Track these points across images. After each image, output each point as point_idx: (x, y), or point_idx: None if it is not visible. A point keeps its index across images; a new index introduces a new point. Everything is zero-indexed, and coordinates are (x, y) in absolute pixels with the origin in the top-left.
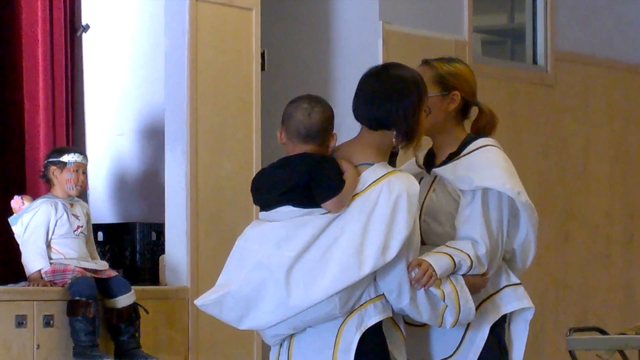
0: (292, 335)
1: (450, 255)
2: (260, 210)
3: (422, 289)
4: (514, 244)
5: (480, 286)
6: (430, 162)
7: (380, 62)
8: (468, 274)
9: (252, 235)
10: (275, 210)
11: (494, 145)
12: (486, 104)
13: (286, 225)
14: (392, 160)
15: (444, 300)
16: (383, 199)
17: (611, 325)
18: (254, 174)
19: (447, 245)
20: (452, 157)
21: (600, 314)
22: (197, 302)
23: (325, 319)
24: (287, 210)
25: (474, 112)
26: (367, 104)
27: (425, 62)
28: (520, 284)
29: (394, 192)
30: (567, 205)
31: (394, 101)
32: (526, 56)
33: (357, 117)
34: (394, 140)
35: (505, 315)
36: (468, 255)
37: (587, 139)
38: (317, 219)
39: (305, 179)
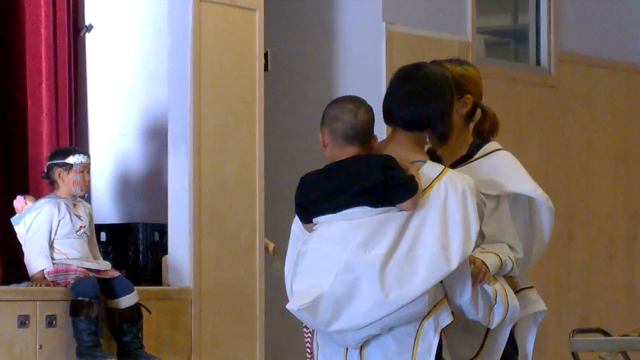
0: (363, 343)
1: (498, 255)
2: (322, 214)
3: (478, 285)
4: (527, 245)
5: (514, 288)
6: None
7: (383, 62)
8: (508, 274)
9: (328, 238)
10: (346, 211)
11: (505, 150)
12: (489, 107)
13: (366, 225)
14: (441, 161)
15: (495, 298)
16: (452, 195)
17: (614, 326)
18: (257, 174)
19: (487, 246)
20: (465, 159)
21: (603, 315)
22: (291, 307)
23: (415, 317)
24: (361, 210)
25: (477, 114)
26: (403, 105)
27: (437, 64)
28: (532, 287)
29: (459, 187)
30: (569, 206)
31: (430, 102)
32: (529, 57)
33: (391, 118)
34: (428, 139)
35: None
36: (509, 256)
37: (590, 140)
38: (397, 217)
39: (381, 179)
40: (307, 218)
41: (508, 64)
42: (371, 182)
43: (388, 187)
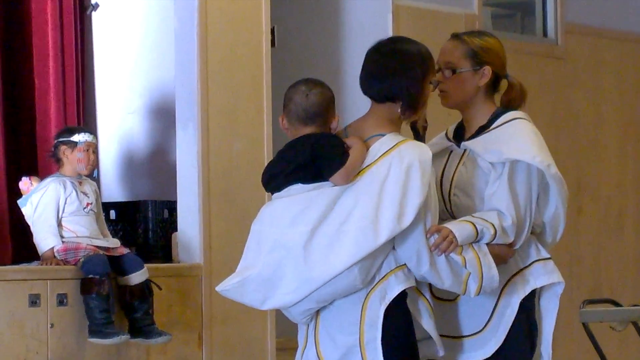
0: (317, 314)
1: (473, 223)
2: (273, 194)
3: (443, 255)
4: (544, 217)
5: (507, 256)
6: (460, 135)
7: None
8: (492, 243)
9: (265, 217)
10: (285, 189)
11: (524, 118)
12: (516, 77)
13: (297, 202)
14: (419, 137)
15: (465, 267)
16: (395, 168)
17: (624, 297)
18: (266, 151)
19: (471, 215)
20: (482, 130)
21: (613, 286)
22: (218, 288)
23: (347, 291)
24: (297, 187)
25: (503, 84)
26: (372, 77)
27: (456, 37)
28: (550, 258)
29: (405, 161)
30: (578, 178)
31: (396, 74)
32: (536, 29)
33: (364, 91)
34: (399, 111)
35: (535, 290)
36: (492, 224)
37: (598, 111)
38: (327, 192)
39: (308, 155)
40: (271, 193)
41: (515, 37)
42: (300, 160)
43: (316, 163)
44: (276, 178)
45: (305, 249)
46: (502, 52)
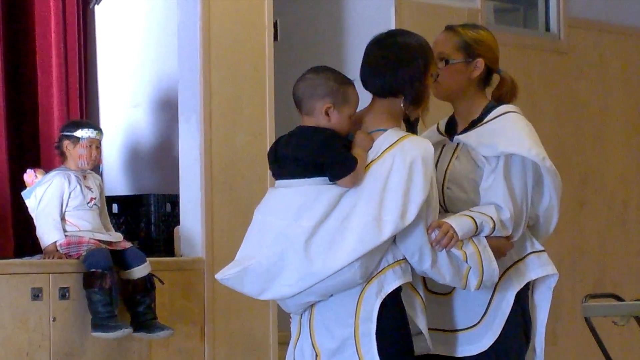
0: (312, 306)
1: (472, 217)
2: (277, 178)
3: (444, 250)
4: (538, 210)
5: (506, 249)
6: (452, 129)
7: None
8: (491, 236)
9: (269, 207)
10: (289, 181)
11: (516, 112)
12: (507, 72)
13: (302, 195)
14: (412, 128)
15: (466, 262)
16: (398, 164)
17: (627, 291)
18: (268, 144)
19: (469, 210)
20: (475, 124)
21: (616, 280)
22: (218, 276)
23: (346, 286)
24: (301, 182)
25: (495, 79)
26: (374, 71)
27: (450, 28)
28: (544, 250)
29: (409, 157)
30: (583, 171)
31: (399, 68)
32: (539, 23)
33: (365, 85)
34: (402, 105)
35: (529, 282)
36: (490, 217)
37: (601, 105)
38: (332, 189)
39: (315, 158)
40: (275, 176)
41: (517, 31)
42: (309, 159)
43: (324, 166)
44: (282, 165)
45: (307, 243)
46: (495, 46)
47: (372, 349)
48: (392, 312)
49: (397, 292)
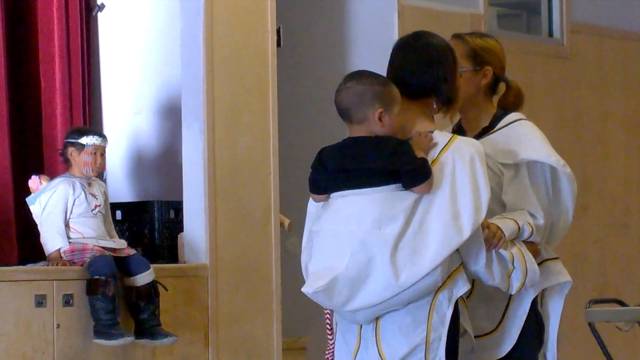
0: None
1: (515, 220)
2: (337, 190)
3: (493, 251)
4: (554, 216)
5: (536, 255)
6: None
7: (395, 37)
8: (528, 240)
9: (341, 217)
10: (360, 190)
11: (526, 120)
12: (514, 80)
13: (378, 203)
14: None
15: (512, 263)
16: (459, 164)
17: (630, 296)
18: (272, 150)
19: (503, 215)
20: (486, 131)
21: (619, 286)
22: (307, 290)
23: (429, 291)
24: (375, 190)
25: (501, 87)
26: (406, 74)
27: (457, 37)
28: (557, 258)
29: (466, 155)
30: (584, 176)
31: (432, 67)
32: (542, 29)
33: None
34: (434, 106)
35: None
36: (528, 222)
37: (603, 111)
38: (408, 195)
39: (390, 167)
40: (320, 191)
41: (520, 36)
42: (381, 168)
43: (399, 174)
44: (345, 176)
45: (393, 251)
46: (502, 54)
47: (441, 352)
48: (454, 318)
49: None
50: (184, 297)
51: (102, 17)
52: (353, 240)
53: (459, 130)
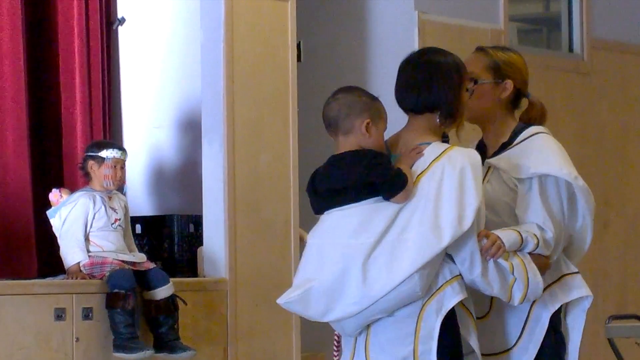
0: (368, 325)
1: (517, 231)
2: (323, 211)
3: (492, 260)
4: (572, 230)
5: (544, 269)
6: (482, 153)
7: None
8: (533, 254)
9: (325, 231)
10: (339, 208)
11: (545, 133)
12: (537, 96)
13: (359, 214)
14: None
15: (512, 274)
16: (448, 173)
17: None
18: (292, 165)
19: (510, 227)
20: (505, 146)
21: (639, 302)
22: (280, 300)
23: (408, 299)
24: (356, 204)
25: (524, 103)
26: (409, 89)
27: (480, 49)
28: (578, 272)
29: (457, 165)
30: (605, 193)
31: (433, 82)
32: (562, 44)
33: (401, 104)
34: (437, 121)
35: (561, 304)
36: (534, 234)
37: (624, 126)
38: (389, 205)
39: (366, 179)
40: (318, 213)
41: (541, 52)
42: (360, 181)
43: (376, 185)
44: (327, 194)
45: (367, 259)
46: (524, 69)
47: None
48: (449, 331)
49: (452, 312)
50: (203, 311)
51: (122, 31)
52: (333, 252)
53: (480, 146)
